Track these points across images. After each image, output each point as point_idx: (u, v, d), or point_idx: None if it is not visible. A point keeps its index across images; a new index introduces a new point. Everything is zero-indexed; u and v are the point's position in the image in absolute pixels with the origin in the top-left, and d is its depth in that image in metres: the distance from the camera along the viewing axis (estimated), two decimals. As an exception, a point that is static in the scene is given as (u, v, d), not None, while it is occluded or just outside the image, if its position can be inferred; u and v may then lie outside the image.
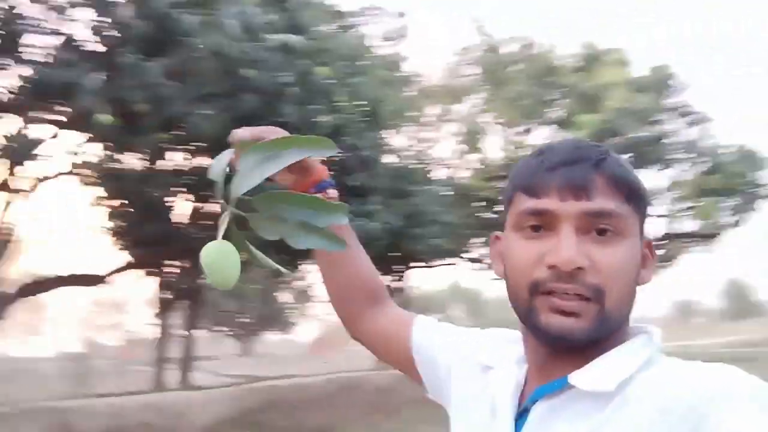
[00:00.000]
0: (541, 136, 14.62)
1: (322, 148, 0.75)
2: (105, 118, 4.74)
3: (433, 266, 15.75)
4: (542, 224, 0.72)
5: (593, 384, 0.69)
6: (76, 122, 5.82)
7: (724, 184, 12.02)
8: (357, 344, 1.09)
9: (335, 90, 8.43)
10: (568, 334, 0.70)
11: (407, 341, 0.98)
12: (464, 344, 0.93)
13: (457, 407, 0.89)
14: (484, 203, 15.18)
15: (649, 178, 14.61)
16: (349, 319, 1.07)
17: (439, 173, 14.94)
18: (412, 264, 14.87)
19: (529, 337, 0.77)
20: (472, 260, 16.04)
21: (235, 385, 12.97)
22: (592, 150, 0.74)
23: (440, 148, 17.03)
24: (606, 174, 0.72)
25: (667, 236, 15.08)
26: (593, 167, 0.72)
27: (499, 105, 13.76)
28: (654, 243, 0.78)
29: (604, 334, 0.71)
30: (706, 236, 15.30)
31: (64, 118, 5.79)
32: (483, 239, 15.19)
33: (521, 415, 0.75)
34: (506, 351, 0.84)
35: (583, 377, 0.70)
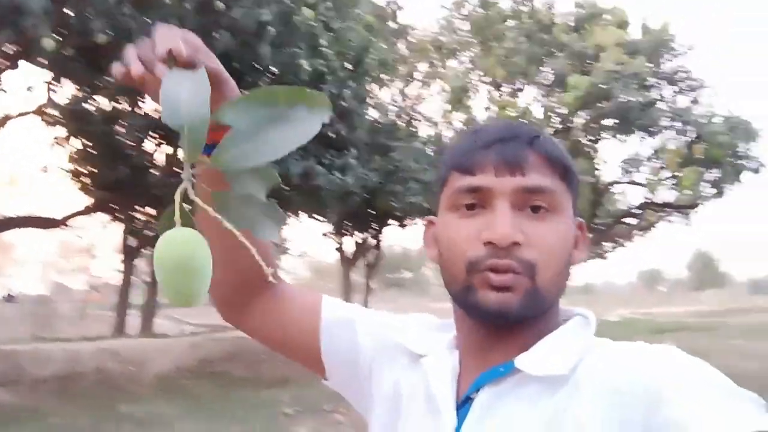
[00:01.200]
0: (531, 96, 14.27)
1: (323, 107, 0.52)
2: (48, 43, 4.20)
3: (410, 224, 15.52)
4: (477, 202, 0.72)
5: (545, 368, 0.68)
6: (26, 53, 5.25)
7: (709, 154, 11.82)
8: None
9: (319, 34, 7.89)
10: (503, 308, 0.69)
11: (314, 330, 0.87)
12: (385, 331, 0.87)
13: (386, 400, 0.83)
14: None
15: (634, 145, 14.40)
16: (236, 303, 0.91)
17: (423, 131, 14.54)
18: (388, 221, 14.60)
19: (465, 319, 0.76)
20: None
21: (197, 334, 12.82)
22: (525, 128, 0.75)
23: (426, 105, 16.59)
24: (540, 151, 0.72)
25: (645, 205, 15.03)
26: (527, 144, 0.72)
27: (488, 63, 13.29)
28: (633, 211, 0.60)
29: (536, 311, 0.71)
30: (684, 207, 15.28)
31: (14, 49, 5.22)
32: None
33: (463, 403, 0.72)
34: (434, 338, 0.82)
35: (530, 361, 0.69)
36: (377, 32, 12.52)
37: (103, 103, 9.94)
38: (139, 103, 9.42)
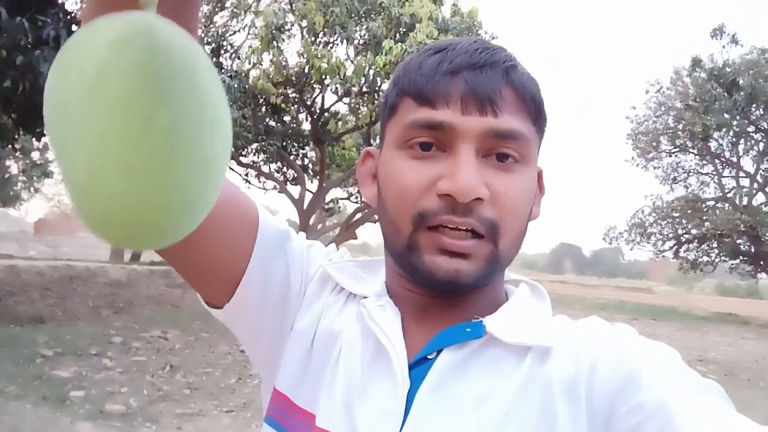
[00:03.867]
0: (342, 52, 14.20)
1: None
2: None
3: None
4: (434, 141, 0.61)
5: (522, 337, 0.61)
6: None
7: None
8: (90, 233, 0.57)
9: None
10: (456, 278, 0.59)
11: (247, 236, 0.67)
12: (316, 258, 0.75)
13: (309, 336, 0.69)
14: (269, 108, 14.39)
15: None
16: None
17: (228, 65, 13.67)
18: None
19: (403, 277, 0.66)
20: (245, 165, 15.28)
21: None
22: (500, 53, 0.62)
23: (235, 38, 15.63)
24: (516, 85, 0.61)
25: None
26: (503, 75, 0.61)
27: (306, 7, 12.87)
28: None
29: (492, 278, 0.63)
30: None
31: None
32: (259, 145, 14.49)
33: (416, 363, 0.62)
34: (364, 278, 0.72)
35: (503, 328, 0.62)
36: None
37: None
38: None
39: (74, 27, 7.26)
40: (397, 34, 12.92)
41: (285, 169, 15.98)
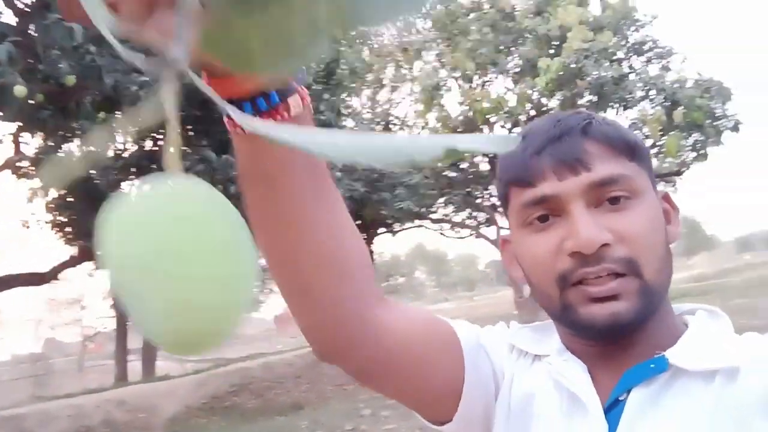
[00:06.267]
0: (502, 85, 14.25)
1: None
2: (19, 90, 4.02)
3: (399, 230, 15.41)
4: (548, 212, 0.66)
5: (705, 363, 0.62)
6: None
7: (688, 118, 11.87)
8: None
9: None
10: (615, 319, 0.62)
11: (458, 357, 0.73)
12: (499, 338, 0.79)
13: (509, 410, 0.73)
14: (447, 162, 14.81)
15: (612, 119, 14.50)
16: (349, 331, 0.67)
17: (400, 134, 14.46)
18: (378, 230, 14.47)
19: (573, 335, 0.69)
20: (437, 221, 15.74)
21: (201, 371, 12.66)
22: (573, 118, 0.68)
23: (399, 109, 16.54)
24: (597, 138, 0.66)
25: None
26: (581, 135, 0.66)
27: (456, 58, 13.25)
28: None
29: (651, 308, 0.64)
30: (670, 174, 15.33)
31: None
32: (446, 198, 14.87)
33: (611, 406, 0.64)
34: (542, 340, 0.75)
35: (686, 357, 0.63)
36: (345, 42, 12.44)
37: (73, 148, 9.68)
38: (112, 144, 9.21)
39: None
40: (551, 50, 12.71)
41: (475, 213, 16.17)
